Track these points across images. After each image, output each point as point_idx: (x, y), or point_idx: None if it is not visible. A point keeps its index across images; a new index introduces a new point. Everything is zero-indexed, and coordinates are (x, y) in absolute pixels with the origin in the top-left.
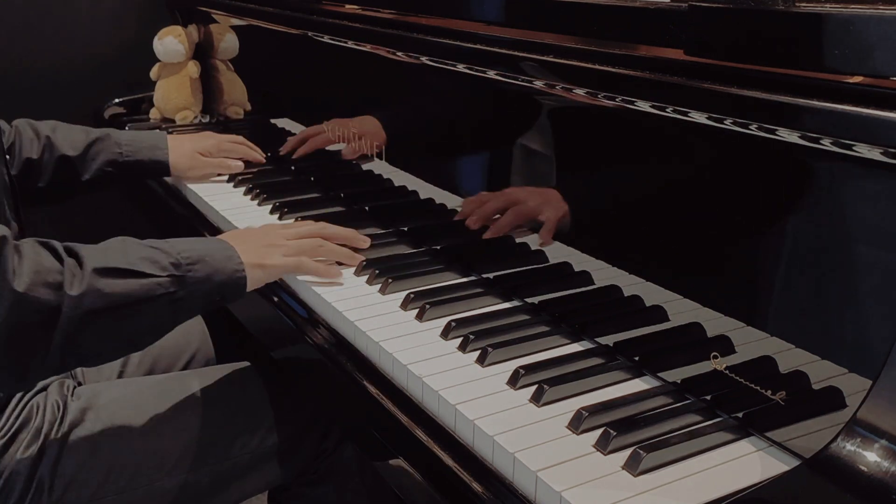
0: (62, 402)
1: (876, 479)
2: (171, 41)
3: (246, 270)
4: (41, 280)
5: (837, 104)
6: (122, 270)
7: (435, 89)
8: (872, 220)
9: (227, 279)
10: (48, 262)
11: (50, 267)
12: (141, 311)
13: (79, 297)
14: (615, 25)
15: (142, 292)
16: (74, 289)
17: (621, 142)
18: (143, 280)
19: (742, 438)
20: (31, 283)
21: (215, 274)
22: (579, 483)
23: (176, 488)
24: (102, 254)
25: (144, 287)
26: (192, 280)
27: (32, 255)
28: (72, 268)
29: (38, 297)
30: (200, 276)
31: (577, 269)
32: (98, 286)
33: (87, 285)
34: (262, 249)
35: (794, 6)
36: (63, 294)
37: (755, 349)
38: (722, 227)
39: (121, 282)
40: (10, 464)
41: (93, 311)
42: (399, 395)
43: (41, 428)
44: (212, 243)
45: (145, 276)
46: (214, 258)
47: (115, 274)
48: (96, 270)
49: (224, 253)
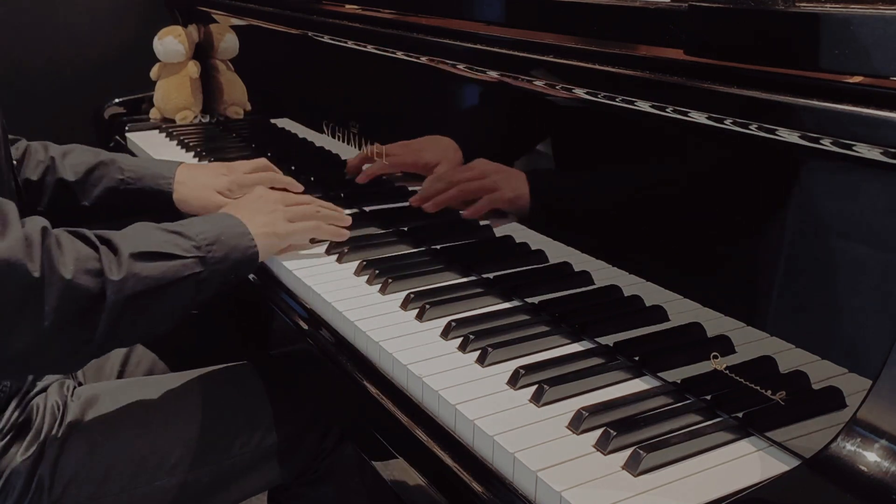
0: (62, 403)
1: (876, 479)
2: (171, 41)
3: (257, 241)
4: (83, 267)
5: (837, 104)
6: (154, 254)
7: (435, 89)
8: (872, 219)
9: (242, 256)
10: (84, 249)
11: (88, 254)
12: (171, 293)
13: (121, 281)
14: (615, 25)
15: (172, 273)
16: (115, 273)
17: (621, 142)
18: (172, 262)
19: (742, 438)
20: (76, 271)
21: (232, 252)
22: (579, 483)
23: (176, 488)
24: (132, 239)
25: (174, 268)
26: (212, 260)
27: (69, 243)
28: (107, 253)
29: (83, 283)
30: (219, 255)
31: (577, 269)
32: (136, 270)
33: (126, 270)
34: (267, 217)
35: (794, 6)
36: (105, 279)
37: (755, 349)
38: (722, 227)
39: (153, 265)
40: (11, 464)
41: (134, 294)
42: (399, 395)
43: (41, 428)
44: (224, 220)
45: (174, 257)
46: (229, 235)
47: (149, 258)
48: (133, 255)
49: (237, 230)
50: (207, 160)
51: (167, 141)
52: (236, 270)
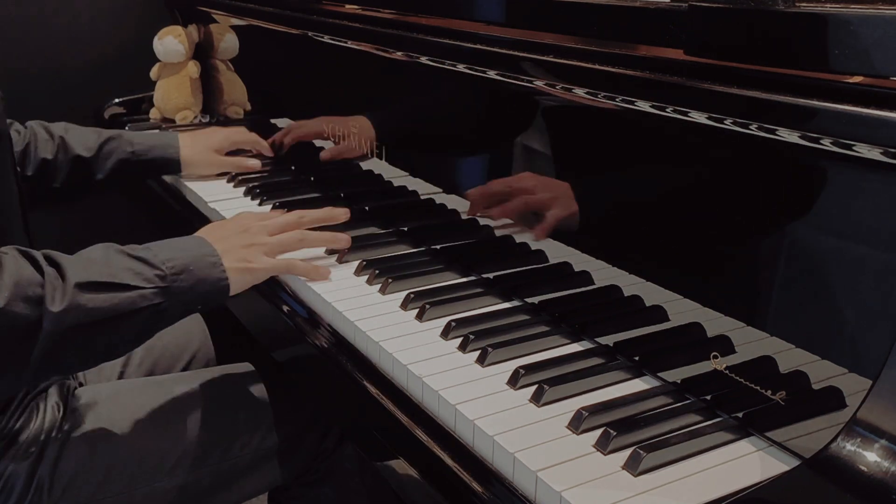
0: (62, 404)
1: (876, 479)
2: (171, 41)
3: (230, 276)
4: (21, 293)
5: (837, 104)
6: (106, 284)
7: (435, 89)
8: (872, 220)
9: (211, 288)
10: (28, 273)
11: (31, 279)
12: (123, 324)
13: (61, 313)
14: (615, 25)
15: (125, 305)
16: (56, 304)
17: (621, 142)
18: (127, 293)
19: (742, 438)
20: (11, 297)
21: (199, 284)
22: (579, 483)
23: (176, 489)
24: (85, 266)
25: (128, 300)
26: (176, 290)
27: (13, 266)
28: (53, 280)
29: (18, 312)
30: (185, 286)
31: (577, 269)
32: (81, 301)
33: (69, 301)
34: (244, 251)
35: (794, 6)
36: (44, 309)
37: (755, 349)
38: (722, 227)
39: (104, 296)
40: (10, 465)
41: (74, 326)
42: (399, 395)
43: (41, 429)
44: (195, 248)
45: (130, 288)
46: (199, 266)
47: (98, 288)
48: (79, 285)
49: (208, 260)
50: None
51: None
52: (203, 301)
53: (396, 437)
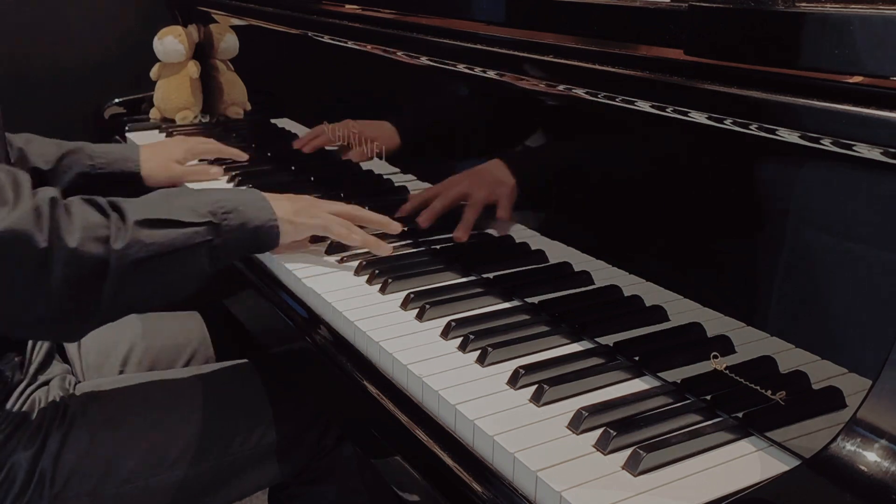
0: (63, 398)
1: (876, 479)
2: (171, 41)
3: (280, 223)
4: (90, 235)
5: (837, 104)
6: (163, 221)
7: (434, 89)
8: (872, 219)
9: (261, 226)
10: (95, 217)
11: (97, 222)
12: (183, 259)
13: (123, 249)
14: (615, 25)
15: (181, 241)
16: (119, 242)
17: (621, 142)
18: (182, 229)
19: (742, 438)
20: (83, 239)
21: (249, 222)
22: (579, 483)
23: (176, 483)
24: (144, 205)
25: (184, 236)
26: (227, 228)
27: (80, 212)
28: (116, 222)
29: (89, 251)
30: (235, 224)
31: (577, 269)
32: (141, 237)
33: (130, 238)
34: (295, 207)
35: (794, 6)
36: (109, 248)
37: (755, 349)
38: (722, 226)
39: (161, 232)
40: (12, 457)
41: (137, 261)
42: (399, 394)
43: (42, 422)
44: (247, 194)
45: (184, 224)
46: (249, 207)
47: (155, 224)
48: (138, 223)
49: (258, 203)
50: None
51: None
52: (255, 241)
53: (396, 436)
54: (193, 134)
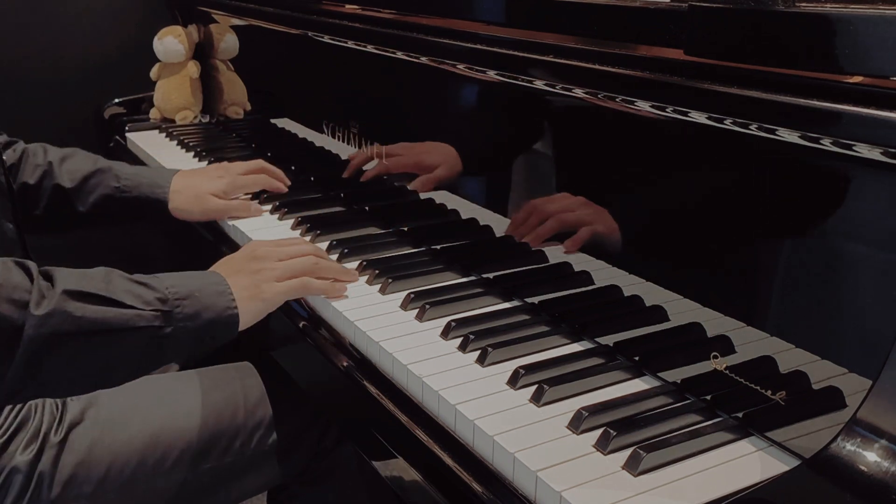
0: (61, 402)
1: (876, 479)
2: (171, 41)
3: (239, 306)
4: (5, 296)
5: (837, 104)
6: (99, 297)
7: (434, 89)
8: (872, 219)
9: (218, 316)
10: (17, 278)
11: (18, 284)
12: (117, 342)
13: (44, 316)
14: (615, 25)
15: (119, 322)
16: (41, 308)
17: (621, 142)
18: (122, 310)
19: (742, 438)
20: None
21: (205, 311)
22: (579, 483)
23: (176, 486)
24: (79, 278)
25: (122, 316)
26: (180, 316)
27: (2, 270)
28: (42, 289)
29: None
30: (189, 312)
31: (577, 269)
32: (67, 308)
33: (54, 305)
34: (255, 278)
35: (794, 6)
36: (27, 313)
37: (755, 349)
38: (722, 227)
39: (95, 308)
40: (10, 462)
41: (58, 333)
42: (399, 395)
43: (40, 427)
44: (203, 277)
45: (125, 306)
46: (204, 294)
47: (89, 299)
48: (67, 292)
49: (215, 288)
50: (207, 160)
51: (167, 141)
52: (212, 332)
53: (396, 436)
54: (193, 134)
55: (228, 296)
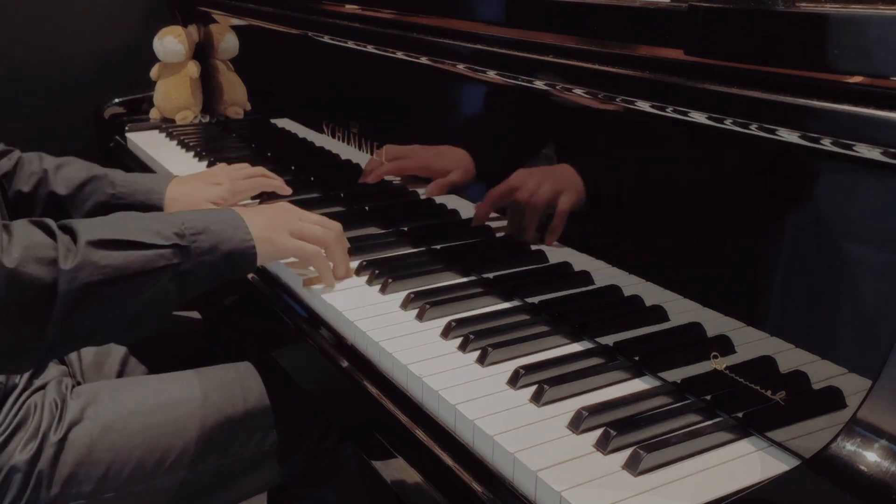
0: (60, 401)
1: (876, 479)
2: (171, 41)
3: (256, 243)
4: (32, 255)
5: (837, 104)
6: (120, 242)
7: (434, 89)
8: (872, 219)
9: (235, 248)
10: (40, 238)
11: (42, 242)
12: (142, 284)
13: (73, 270)
14: (615, 25)
15: (142, 263)
16: (69, 262)
17: (621, 142)
18: (143, 251)
19: (742, 438)
20: (22, 259)
21: (222, 243)
22: (579, 483)
23: (175, 487)
24: (99, 226)
25: (145, 258)
26: (197, 250)
27: (23, 232)
28: (66, 243)
29: (31, 273)
30: (206, 245)
31: (577, 269)
32: (94, 258)
33: (81, 258)
34: (273, 222)
35: (794, 6)
36: (57, 269)
37: (755, 349)
38: (722, 226)
39: (119, 253)
40: (9, 461)
41: (89, 284)
42: (399, 395)
43: (39, 426)
44: (219, 213)
45: (146, 246)
46: (221, 227)
47: (112, 245)
48: (91, 243)
49: (231, 223)
50: (207, 160)
51: (167, 141)
52: (230, 264)
53: (396, 437)
54: (193, 134)
55: (244, 229)
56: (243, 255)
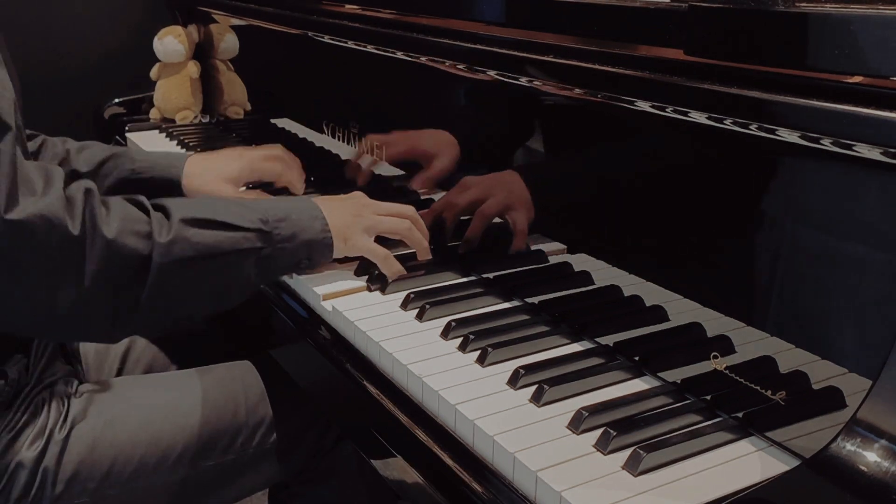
0: (66, 399)
1: (876, 479)
2: (171, 41)
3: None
4: (130, 228)
5: (837, 104)
6: (210, 221)
7: (434, 90)
8: (872, 220)
9: (313, 238)
10: (135, 213)
11: (137, 217)
12: (229, 264)
13: (168, 244)
14: (615, 25)
15: (229, 244)
16: (163, 236)
17: (621, 142)
18: (230, 233)
19: (742, 438)
20: (120, 231)
21: (301, 232)
22: (579, 483)
23: (177, 484)
24: (190, 206)
25: (232, 239)
26: (278, 237)
27: (120, 206)
28: (159, 219)
29: (128, 244)
30: (286, 233)
31: (577, 269)
32: (186, 235)
33: (175, 233)
34: (350, 218)
35: (794, 6)
36: (153, 242)
37: (755, 349)
38: (722, 226)
39: (209, 232)
40: (16, 458)
41: (182, 259)
42: (399, 395)
43: (45, 424)
44: (299, 202)
45: (233, 227)
46: (301, 217)
47: (203, 224)
48: (184, 220)
49: (310, 213)
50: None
51: (167, 141)
52: (308, 252)
53: (396, 436)
54: (193, 134)
55: (322, 220)
56: (321, 246)
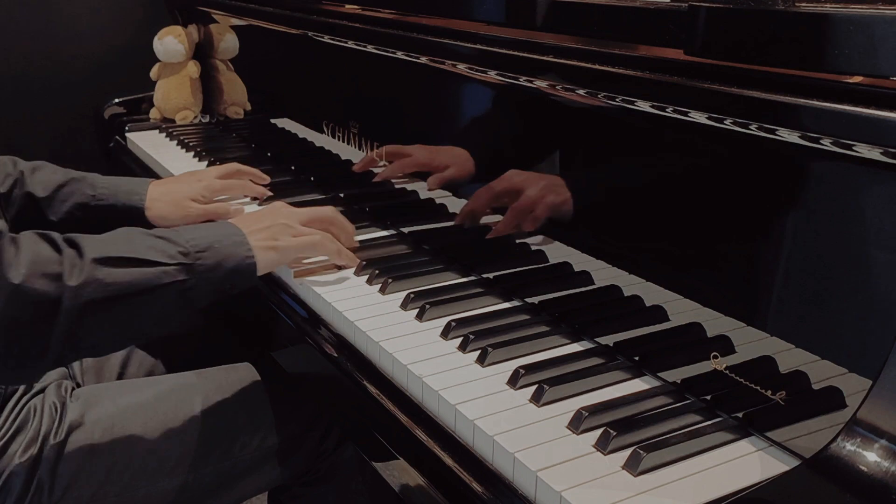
0: (60, 404)
1: (876, 479)
2: (171, 41)
3: (256, 255)
4: (39, 271)
5: (837, 104)
6: (126, 259)
7: (434, 89)
8: (872, 220)
9: (237, 265)
10: (46, 252)
11: (49, 257)
12: (146, 301)
13: (78, 287)
14: (615, 25)
15: (147, 281)
16: (74, 279)
17: (621, 142)
18: (148, 269)
19: (742, 438)
20: (29, 274)
21: (225, 261)
22: (579, 483)
23: (176, 489)
24: (104, 243)
25: (150, 276)
26: (201, 268)
27: (30, 246)
28: (71, 258)
29: (37, 288)
30: (210, 263)
31: (577, 269)
32: (99, 276)
33: (86, 275)
34: (270, 230)
35: (794, 6)
36: (62, 285)
37: (755, 349)
38: (722, 227)
39: (123, 271)
40: (9, 465)
41: (93, 301)
42: (399, 395)
43: (39, 430)
44: (221, 228)
45: (151, 263)
46: (224, 244)
47: (117, 263)
48: (96, 260)
49: (233, 239)
50: (207, 160)
51: (167, 141)
52: (231, 280)
53: (396, 437)
54: (193, 134)
55: (245, 245)
56: (244, 272)
